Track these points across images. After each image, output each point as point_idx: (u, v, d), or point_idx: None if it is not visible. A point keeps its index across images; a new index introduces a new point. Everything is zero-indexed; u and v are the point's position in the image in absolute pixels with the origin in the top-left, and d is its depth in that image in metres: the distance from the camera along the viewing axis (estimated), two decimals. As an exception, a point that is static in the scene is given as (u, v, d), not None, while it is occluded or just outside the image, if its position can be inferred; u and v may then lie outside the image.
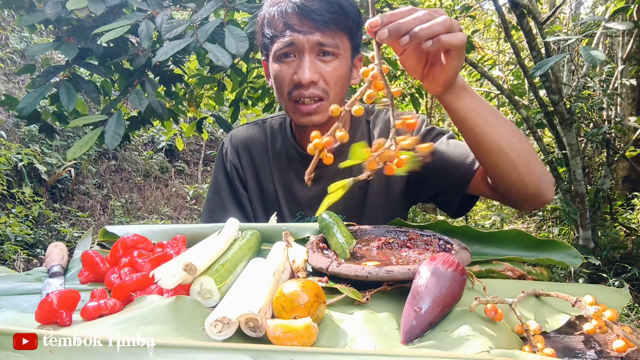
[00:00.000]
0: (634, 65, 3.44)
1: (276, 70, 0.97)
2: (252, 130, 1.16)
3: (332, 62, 0.95)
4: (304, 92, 0.95)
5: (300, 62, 0.94)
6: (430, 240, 0.78)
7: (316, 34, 0.92)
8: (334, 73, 0.95)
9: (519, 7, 2.29)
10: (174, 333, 0.49)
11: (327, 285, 0.64)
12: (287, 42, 0.93)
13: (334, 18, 0.92)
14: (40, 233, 3.83)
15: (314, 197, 1.10)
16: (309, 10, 0.91)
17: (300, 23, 0.92)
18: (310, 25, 0.92)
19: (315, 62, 0.94)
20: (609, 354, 0.50)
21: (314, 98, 0.95)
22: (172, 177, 5.81)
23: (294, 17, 0.92)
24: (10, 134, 4.35)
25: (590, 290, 0.65)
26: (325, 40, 0.93)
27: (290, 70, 0.95)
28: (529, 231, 4.56)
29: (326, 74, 0.95)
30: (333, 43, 0.94)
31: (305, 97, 0.95)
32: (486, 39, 6.17)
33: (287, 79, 0.96)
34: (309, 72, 0.92)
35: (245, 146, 1.14)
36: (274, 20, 0.94)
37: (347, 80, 1.00)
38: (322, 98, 0.96)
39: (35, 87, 1.55)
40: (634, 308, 2.58)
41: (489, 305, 0.52)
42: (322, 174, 1.09)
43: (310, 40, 0.92)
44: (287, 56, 0.95)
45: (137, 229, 0.83)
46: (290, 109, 0.99)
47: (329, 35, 0.93)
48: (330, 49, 0.94)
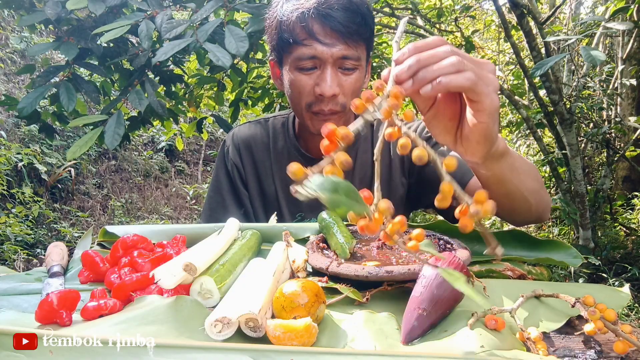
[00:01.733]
0: (634, 65, 3.44)
1: (295, 79, 0.94)
2: (254, 129, 1.15)
3: (353, 74, 0.93)
4: (324, 109, 0.93)
5: (323, 75, 0.91)
6: (430, 240, 0.78)
7: (340, 46, 0.89)
8: (354, 85, 0.93)
9: (519, 7, 2.29)
10: (174, 333, 0.49)
11: (327, 285, 0.64)
12: (309, 54, 0.89)
13: (357, 29, 0.89)
14: (40, 233, 3.83)
15: (314, 199, 1.10)
16: (335, 21, 0.87)
17: (323, 32, 0.88)
18: (334, 37, 0.88)
19: (338, 75, 0.91)
20: (609, 354, 0.50)
21: (332, 112, 0.94)
22: (172, 177, 5.81)
23: (317, 26, 0.88)
24: (10, 134, 4.35)
25: (590, 290, 0.65)
26: (349, 52, 0.90)
27: (311, 82, 0.92)
28: (529, 231, 4.56)
29: (346, 86, 0.92)
30: (356, 55, 0.91)
31: (325, 113, 0.93)
32: (486, 39, 6.17)
33: (307, 89, 0.93)
34: (331, 87, 0.90)
35: (247, 145, 1.13)
36: (294, 26, 0.90)
37: (361, 89, 0.98)
38: (339, 112, 0.95)
39: (35, 87, 1.55)
40: (634, 308, 2.58)
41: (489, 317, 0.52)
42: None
43: (334, 53, 0.89)
44: (309, 66, 0.92)
45: (137, 229, 0.83)
46: (308, 117, 0.97)
47: (352, 47, 0.90)
48: (352, 63, 0.91)
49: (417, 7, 3.24)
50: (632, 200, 3.78)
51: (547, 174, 4.53)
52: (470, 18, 3.80)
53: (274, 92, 2.71)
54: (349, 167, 0.44)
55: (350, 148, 1.09)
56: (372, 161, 1.09)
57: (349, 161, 0.43)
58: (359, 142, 1.09)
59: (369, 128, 1.12)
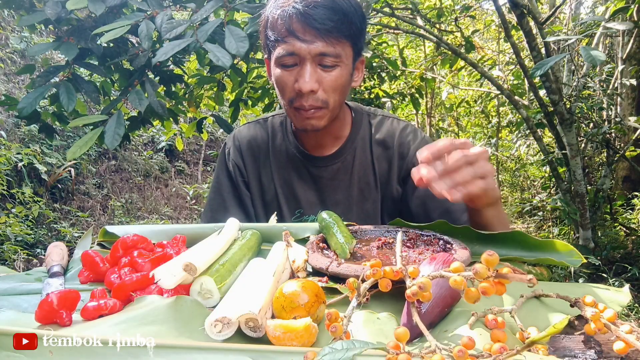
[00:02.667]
0: (634, 65, 3.44)
1: (278, 75, 0.97)
2: (254, 130, 1.16)
3: (333, 71, 0.94)
4: (304, 104, 0.95)
5: (301, 71, 0.93)
6: (431, 240, 0.79)
7: (318, 43, 0.90)
8: (334, 82, 0.95)
9: (519, 7, 2.29)
10: (174, 333, 0.49)
11: (327, 285, 0.64)
12: (288, 50, 0.92)
13: (337, 26, 0.90)
14: (40, 233, 3.83)
15: (313, 196, 1.10)
16: (311, 18, 0.89)
17: (302, 30, 0.90)
18: (312, 34, 0.90)
19: (316, 71, 0.93)
20: (609, 354, 0.50)
21: (313, 108, 0.95)
22: (172, 177, 5.81)
23: (297, 24, 0.90)
24: (10, 134, 4.35)
25: (590, 290, 0.65)
26: (327, 49, 0.91)
27: (292, 78, 0.94)
28: (529, 231, 4.56)
29: (326, 82, 0.94)
30: (335, 52, 0.92)
31: (305, 108, 0.95)
32: (486, 39, 6.17)
33: (288, 85, 0.95)
34: (308, 82, 0.92)
35: (248, 146, 1.14)
36: (277, 24, 0.93)
37: (348, 86, 1.00)
38: (321, 107, 0.96)
39: (35, 87, 1.55)
40: (634, 308, 2.58)
41: (490, 316, 0.52)
42: (321, 174, 1.09)
43: (312, 50, 0.91)
44: (289, 63, 0.94)
45: (137, 229, 0.83)
46: (292, 113, 1.00)
47: (331, 44, 0.91)
48: (332, 60, 0.93)
49: (417, 7, 3.24)
50: (632, 200, 3.78)
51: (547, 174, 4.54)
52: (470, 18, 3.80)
53: (274, 92, 2.71)
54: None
55: (349, 147, 1.10)
56: (371, 160, 1.09)
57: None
58: (356, 142, 1.09)
59: (367, 127, 1.12)
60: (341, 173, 1.09)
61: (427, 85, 4.06)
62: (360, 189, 1.09)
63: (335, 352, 0.42)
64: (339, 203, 1.09)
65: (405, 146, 1.09)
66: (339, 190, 1.09)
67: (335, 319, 0.47)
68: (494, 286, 0.45)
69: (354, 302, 0.50)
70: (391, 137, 1.10)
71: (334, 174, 1.09)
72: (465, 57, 3.00)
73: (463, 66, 3.74)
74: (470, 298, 0.46)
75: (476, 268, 0.46)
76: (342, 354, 0.42)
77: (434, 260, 0.58)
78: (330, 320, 0.47)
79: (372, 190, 1.09)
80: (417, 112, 4.89)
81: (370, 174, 1.09)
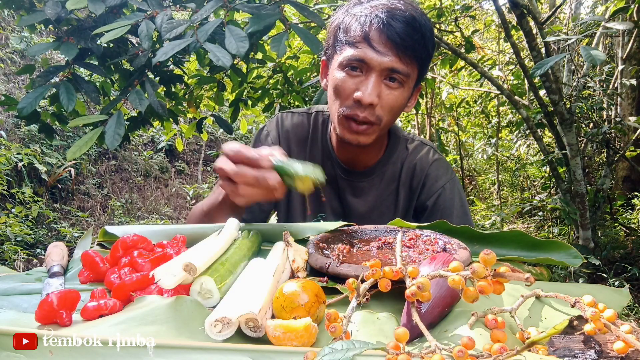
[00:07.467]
0: (634, 65, 3.44)
1: (339, 78, 0.92)
2: (297, 120, 1.14)
3: (397, 89, 0.91)
4: (358, 114, 0.91)
5: (366, 81, 0.89)
6: (431, 240, 0.79)
7: (392, 57, 0.87)
8: (394, 101, 0.91)
9: (519, 7, 2.29)
10: (174, 333, 0.49)
11: (327, 285, 0.64)
12: (359, 56, 0.88)
13: (414, 45, 0.87)
14: (40, 233, 3.83)
15: (338, 206, 1.10)
16: (393, 31, 0.85)
17: (379, 40, 0.87)
18: (389, 46, 0.87)
19: (380, 85, 0.89)
20: (609, 354, 0.50)
21: (366, 122, 0.92)
22: (172, 177, 5.81)
23: (376, 32, 0.87)
24: (10, 134, 4.35)
25: (590, 290, 0.65)
26: (399, 66, 0.88)
27: (353, 85, 0.90)
28: (529, 231, 4.56)
29: (386, 99, 0.90)
30: (405, 71, 0.89)
31: (359, 118, 0.91)
32: (486, 39, 6.17)
33: (347, 92, 0.91)
34: (371, 95, 0.88)
35: (287, 135, 1.12)
36: (353, 27, 0.89)
37: (402, 109, 0.96)
38: (373, 124, 0.92)
39: (35, 87, 1.55)
40: (634, 308, 2.58)
41: (489, 316, 0.52)
42: (345, 186, 1.08)
43: (383, 62, 0.87)
44: (354, 69, 0.90)
45: (137, 229, 0.83)
46: (340, 122, 0.95)
47: (404, 62, 0.88)
48: (400, 77, 0.89)
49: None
50: (632, 200, 3.78)
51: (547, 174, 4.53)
52: (470, 18, 3.80)
53: (274, 93, 2.71)
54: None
55: (379, 169, 1.07)
56: (396, 186, 1.08)
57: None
58: (387, 166, 1.10)
59: (402, 152, 1.11)
60: (365, 193, 1.08)
61: (427, 85, 4.05)
62: (381, 213, 1.08)
63: (335, 352, 0.42)
64: (359, 218, 1.08)
65: (431, 180, 1.06)
66: (359, 206, 1.09)
67: (335, 319, 0.47)
68: (491, 285, 0.45)
69: (353, 302, 0.50)
70: (422, 168, 1.08)
71: (359, 192, 1.08)
72: (465, 57, 3.00)
73: (463, 66, 3.74)
74: (469, 297, 0.45)
75: (474, 267, 0.46)
76: (342, 354, 0.42)
77: (433, 260, 0.58)
78: (330, 320, 0.47)
79: (391, 215, 1.07)
80: (417, 112, 4.89)
81: (392, 201, 1.09)
